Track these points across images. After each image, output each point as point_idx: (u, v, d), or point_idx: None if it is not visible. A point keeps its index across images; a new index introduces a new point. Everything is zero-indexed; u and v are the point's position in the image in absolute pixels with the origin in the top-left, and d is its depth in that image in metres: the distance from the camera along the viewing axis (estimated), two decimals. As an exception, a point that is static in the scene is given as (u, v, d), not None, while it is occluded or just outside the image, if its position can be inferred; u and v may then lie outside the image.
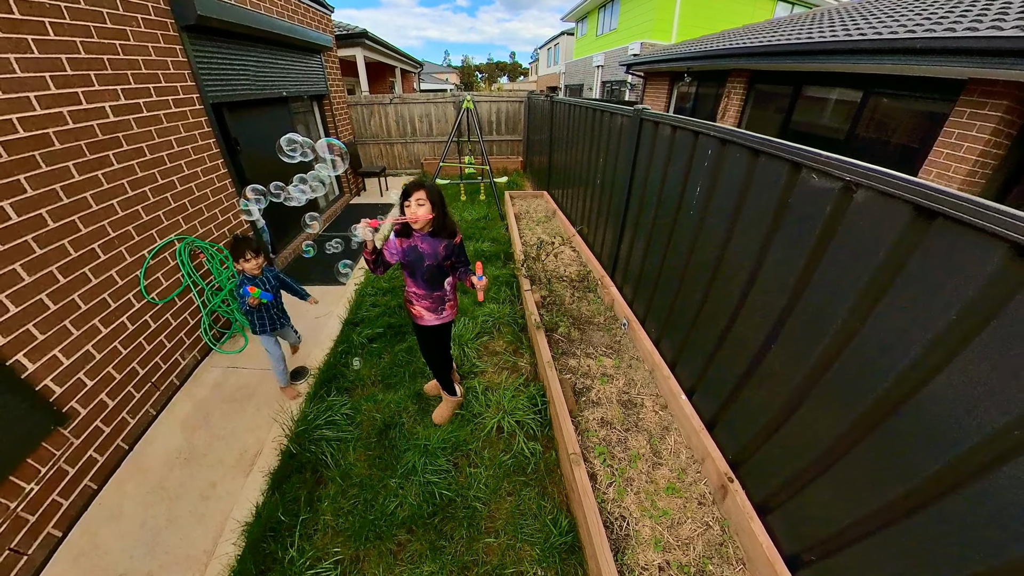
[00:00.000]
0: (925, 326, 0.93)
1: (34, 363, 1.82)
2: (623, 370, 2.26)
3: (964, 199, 0.84)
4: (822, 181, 1.18)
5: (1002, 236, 0.78)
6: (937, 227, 0.91)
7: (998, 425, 0.81)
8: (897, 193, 0.98)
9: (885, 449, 1.03)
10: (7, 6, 1.80)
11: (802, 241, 1.26)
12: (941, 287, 0.91)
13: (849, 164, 1.08)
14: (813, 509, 1.27)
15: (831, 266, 1.17)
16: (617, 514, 1.53)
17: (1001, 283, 0.81)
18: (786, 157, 1.29)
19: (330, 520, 1.77)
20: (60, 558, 1.78)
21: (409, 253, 1.76)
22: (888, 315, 1.02)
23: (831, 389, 1.19)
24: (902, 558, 1.00)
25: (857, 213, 1.10)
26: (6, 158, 1.76)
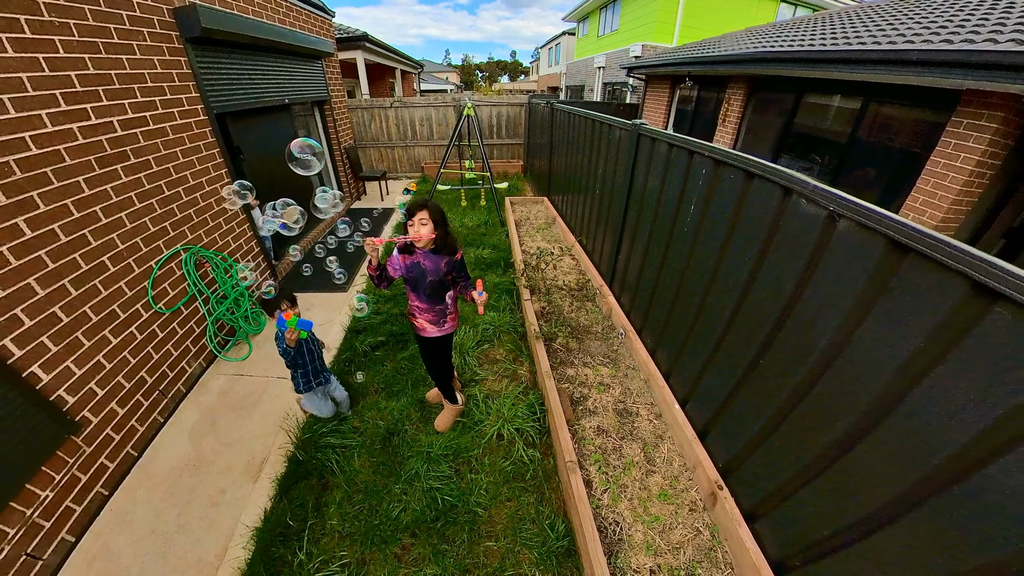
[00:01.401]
0: (900, 348, 0.99)
1: (48, 374, 1.87)
2: (619, 379, 2.33)
3: (933, 238, 0.90)
4: (810, 207, 1.24)
5: (964, 273, 0.85)
6: (909, 260, 0.98)
7: (965, 441, 0.87)
8: (874, 226, 1.04)
9: (867, 461, 1.10)
10: (19, 26, 1.85)
11: (792, 262, 1.32)
12: (912, 315, 0.97)
13: (833, 195, 1.14)
14: (798, 517, 1.34)
15: (818, 287, 1.24)
16: (611, 519, 1.60)
17: (963, 314, 0.88)
18: (778, 182, 1.35)
19: (336, 525, 1.84)
20: (74, 563, 1.84)
21: (412, 269, 1.82)
22: (869, 336, 1.08)
23: (817, 403, 1.26)
24: (883, 564, 1.06)
25: (840, 241, 1.16)
26: (20, 175, 1.81)
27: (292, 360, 1.93)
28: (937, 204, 3.40)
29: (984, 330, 0.84)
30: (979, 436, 0.85)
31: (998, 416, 0.82)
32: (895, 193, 3.77)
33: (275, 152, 4.26)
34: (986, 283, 0.82)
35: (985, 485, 0.85)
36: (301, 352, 1.98)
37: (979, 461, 0.86)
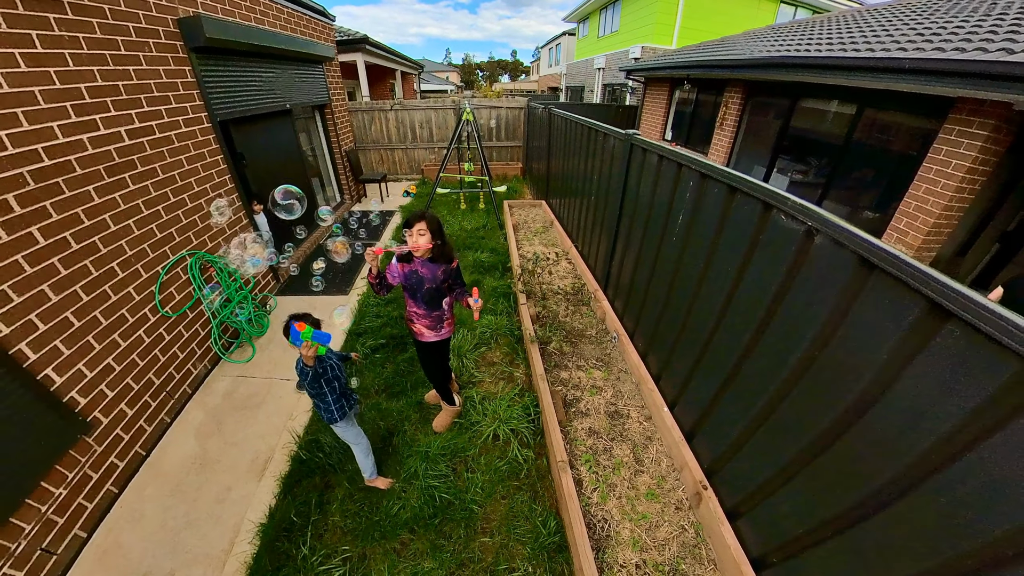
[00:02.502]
0: (870, 357, 1.06)
1: (61, 376, 1.95)
2: (611, 382, 2.41)
3: (895, 257, 0.97)
4: (789, 223, 1.31)
5: (921, 292, 0.92)
6: (875, 277, 1.05)
7: (926, 447, 0.93)
8: (846, 243, 1.11)
9: (839, 463, 1.17)
10: (31, 41, 1.91)
11: (772, 273, 1.39)
12: (878, 326, 1.04)
13: (811, 211, 1.21)
14: (776, 515, 1.41)
15: (796, 298, 1.31)
16: (600, 517, 1.68)
17: (921, 329, 0.95)
18: (759, 197, 1.42)
19: (338, 521, 1.92)
20: (86, 558, 1.92)
21: (410, 277, 1.90)
22: (841, 346, 1.15)
23: (794, 407, 1.33)
24: (854, 558, 1.13)
25: (817, 255, 1.23)
26: (33, 186, 1.88)
27: (316, 389, 1.68)
28: (929, 210, 3.46)
29: (939, 343, 0.91)
30: (937, 442, 0.92)
31: (954, 424, 0.89)
32: (891, 197, 3.81)
33: (277, 157, 4.33)
34: (941, 302, 0.88)
35: (945, 487, 0.91)
36: (327, 378, 1.70)
37: (938, 466, 0.92)
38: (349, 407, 1.86)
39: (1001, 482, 0.80)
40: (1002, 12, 3.77)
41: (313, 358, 1.60)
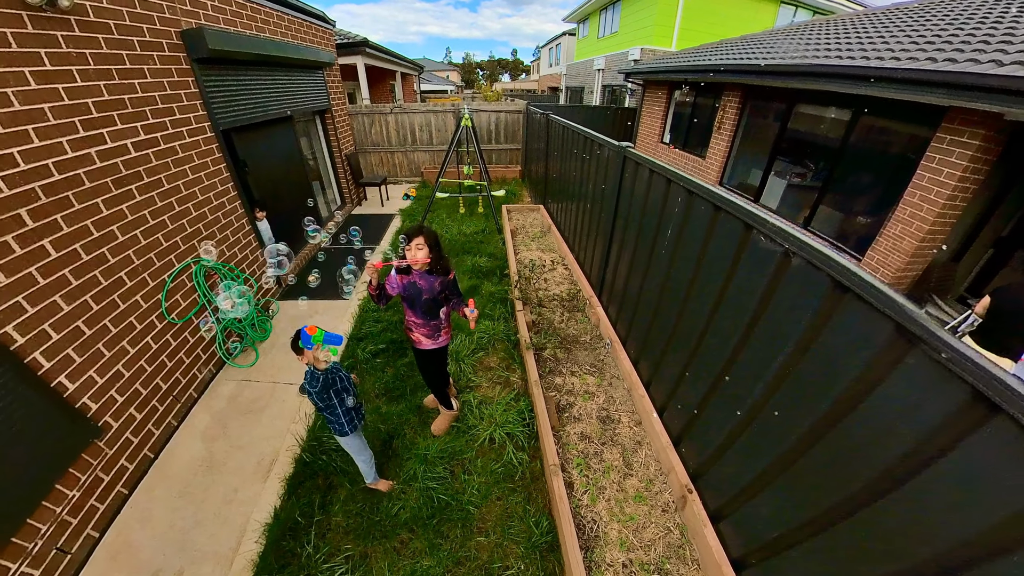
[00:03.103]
0: (843, 373, 1.12)
1: (73, 383, 2.03)
2: (604, 388, 2.49)
3: (866, 282, 1.03)
4: (768, 244, 1.38)
5: (890, 316, 0.98)
6: (848, 299, 1.11)
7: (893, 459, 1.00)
8: (821, 267, 1.17)
9: (814, 470, 1.24)
10: (40, 59, 1.98)
11: (753, 290, 1.46)
12: (850, 345, 1.11)
13: (789, 234, 1.28)
14: (757, 517, 1.49)
15: (774, 315, 1.38)
16: (589, 518, 1.76)
17: (889, 351, 1.01)
18: (740, 217, 1.49)
19: (341, 521, 2.00)
20: (99, 556, 2.00)
21: (409, 288, 1.97)
22: (817, 360, 1.22)
23: (772, 417, 1.40)
24: (828, 559, 1.20)
25: (793, 275, 1.30)
26: (44, 200, 1.95)
27: (327, 401, 1.68)
28: (923, 217, 3.50)
29: (905, 365, 0.97)
30: (902, 455, 0.98)
31: (920, 440, 0.95)
32: (886, 202, 3.84)
33: (278, 163, 4.39)
34: (907, 327, 0.95)
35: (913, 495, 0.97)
36: (337, 389, 1.70)
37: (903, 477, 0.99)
38: (359, 419, 1.89)
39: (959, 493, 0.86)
40: (997, 19, 3.81)
41: (324, 362, 1.60)
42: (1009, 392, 0.74)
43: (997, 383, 0.76)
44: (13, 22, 1.84)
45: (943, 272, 4.05)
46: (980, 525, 0.82)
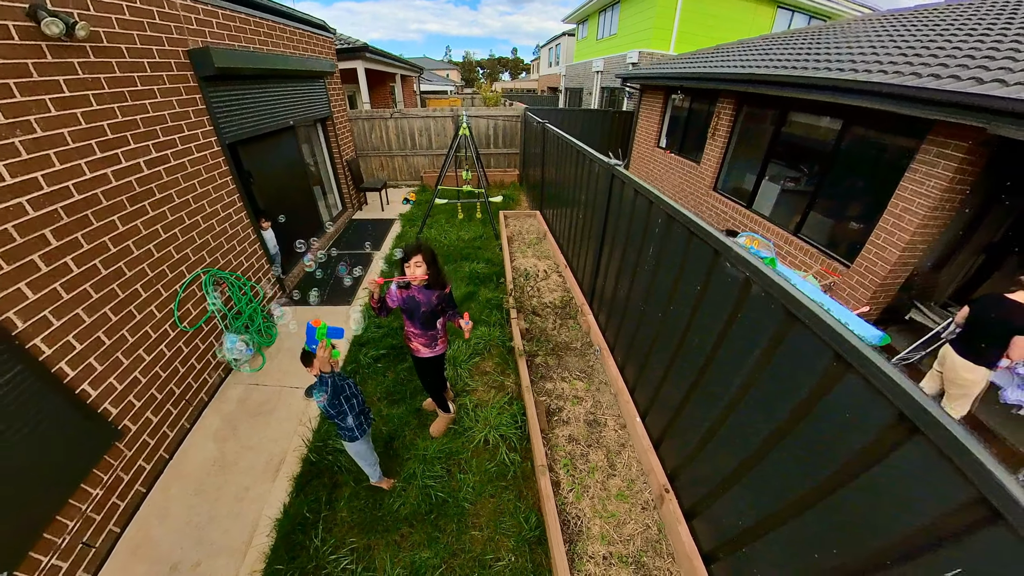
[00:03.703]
0: (793, 393, 1.26)
1: (95, 390, 2.18)
2: (592, 393, 2.63)
3: (813, 312, 1.16)
4: (732, 270, 1.52)
5: (828, 342, 1.12)
6: (797, 328, 1.24)
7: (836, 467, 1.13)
8: (775, 296, 1.31)
9: (772, 472, 1.38)
10: (59, 86, 2.10)
11: (721, 310, 1.59)
12: (797, 371, 1.24)
13: (748, 262, 1.41)
14: (725, 514, 1.64)
15: (738, 334, 1.51)
16: (574, 514, 1.91)
17: (830, 376, 1.14)
18: (710, 244, 1.62)
19: (346, 516, 2.16)
20: (120, 550, 2.16)
21: (408, 301, 2.12)
22: (773, 377, 1.36)
23: (736, 425, 1.55)
24: (786, 552, 1.33)
25: (754, 302, 1.43)
26: (66, 220, 2.09)
27: (337, 408, 1.74)
28: (904, 227, 3.57)
29: (843, 388, 1.10)
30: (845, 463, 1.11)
31: (854, 451, 1.08)
32: (875, 209, 3.86)
33: (282, 172, 4.52)
34: (842, 355, 1.08)
35: (843, 497, 1.11)
36: (347, 395, 1.79)
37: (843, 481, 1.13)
38: (368, 425, 1.97)
39: (897, 493, 0.98)
40: (984, 32, 3.88)
41: (330, 363, 1.66)
42: (925, 415, 0.87)
43: (917, 407, 0.88)
44: (33, 53, 1.97)
45: (926, 279, 4.17)
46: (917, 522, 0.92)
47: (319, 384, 1.71)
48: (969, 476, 0.79)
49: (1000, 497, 0.75)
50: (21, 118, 1.89)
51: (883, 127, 3.88)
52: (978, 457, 0.78)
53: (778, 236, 5.02)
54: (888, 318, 4.19)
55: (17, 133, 1.87)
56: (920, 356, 3.65)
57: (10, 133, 1.84)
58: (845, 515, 1.11)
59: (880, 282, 3.84)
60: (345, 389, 1.83)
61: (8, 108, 1.84)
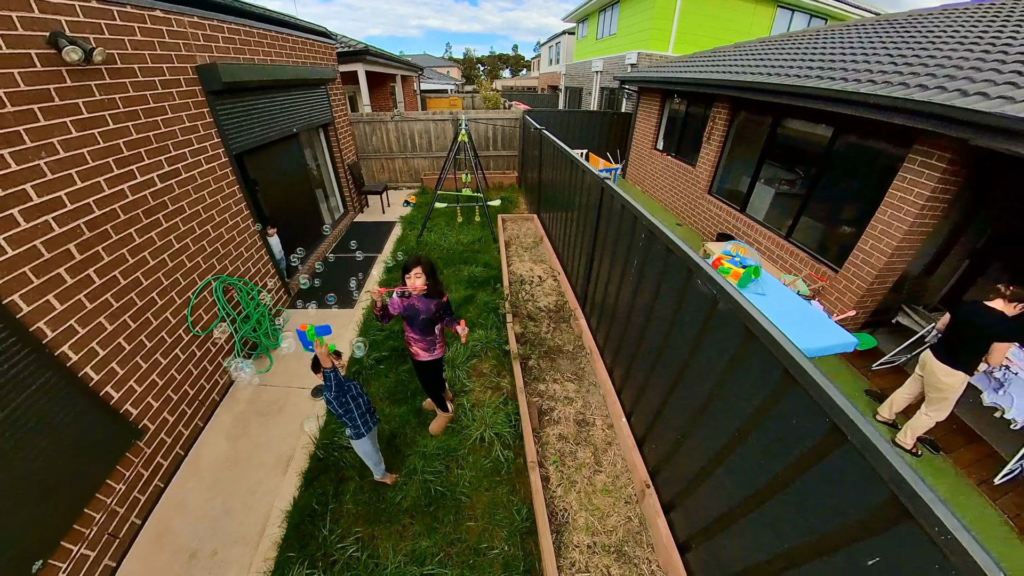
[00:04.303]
0: (751, 399, 1.40)
1: (118, 392, 2.34)
2: (582, 394, 2.78)
3: (766, 332, 1.29)
4: (703, 288, 1.65)
5: (779, 362, 1.25)
6: (754, 344, 1.37)
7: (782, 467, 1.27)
8: (736, 315, 1.44)
9: (736, 469, 1.52)
10: (78, 108, 2.23)
11: (694, 323, 1.73)
12: (755, 382, 1.37)
13: (715, 283, 1.54)
14: (696, 508, 1.79)
15: (707, 348, 1.64)
16: (561, 507, 2.07)
17: (780, 389, 1.28)
18: (684, 262, 1.75)
19: (351, 508, 2.33)
20: (142, 540, 2.33)
21: (408, 309, 2.26)
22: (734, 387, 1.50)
23: (706, 425, 1.69)
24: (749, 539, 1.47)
25: (720, 318, 1.56)
26: (88, 235, 2.23)
27: (344, 406, 1.88)
28: (892, 234, 3.64)
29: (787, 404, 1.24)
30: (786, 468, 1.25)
31: (796, 455, 1.22)
32: (865, 214, 3.94)
33: (286, 179, 4.66)
34: (789, 370, 1.21)
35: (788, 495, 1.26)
36: (353, 395, 1.94)
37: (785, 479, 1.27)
38: (373, 423, 2.12)
39: (833, 492, 1.12)
40: (974, 41, 3.92)
41: (328, 358, 1.80)
42: (852, 425, 1.00)
43: (846, 418, 1.02)
44: (54, 78, 2.09)
45: (915, 283, 4.28)
46: (843, 517, 1.07)
47: (324, 382, 1.85)
48: (884, 478, 0.93)
49: (908, 496, 0.88)
50: (45, 140, 2.03)
51: (873, 135, 3.97)
52: (890, 461, 0.92)
53: (770, 240, 5.13)
54: (877, 321, 4.31)
55: (42, 155, 2.02)
56: (905, 359, 3.78)
57: (36, 155, 1.99)
58: (794, 508, 1.25)
59: (867, 287, 3.94)
60: (351, 388, 1.99)
61: (34, 132, 1.97)
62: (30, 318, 1.92)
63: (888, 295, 4.10)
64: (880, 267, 3.79)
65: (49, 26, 2.05)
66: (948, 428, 3.03)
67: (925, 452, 2.85)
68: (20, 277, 1.89)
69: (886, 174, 3.76)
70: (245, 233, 3.62)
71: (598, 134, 9.57)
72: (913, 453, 2.82)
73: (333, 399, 1.89)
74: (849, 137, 4.24)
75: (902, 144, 3.59)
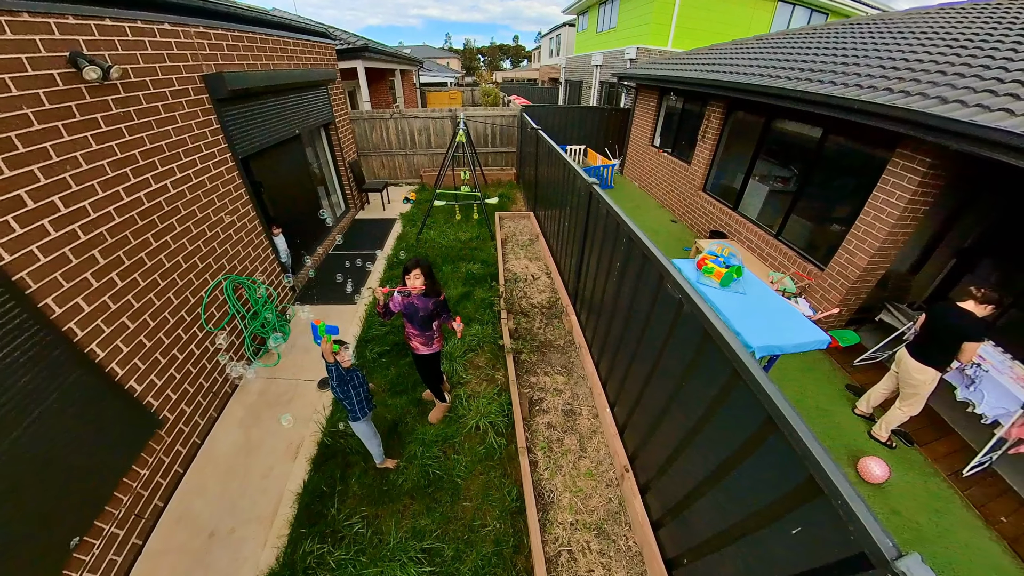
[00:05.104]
0: (708, 393, 1.57)
1: (140, 385, 2.54)
2: (571, 386, 2.97)
3: (719, 334, 1.45)
4: (671, 291, 1.81)
5: (729, 360, 1.42)
6: (710, 344, 1.53)
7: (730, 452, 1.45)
8: (696, 318, 1.60)
9: (696, 453, 1.70)
10: (97, 123, 2.38)
11: (664, 324, 1.89)
12: (710, 378, 1.54)
13: (680, 287, 1.70)
14: (667, 489, 1.98)
15: (675, 346, 1.81)
16: (548, 489, 2.27)
17: (729, 384, 1.44)
18: (654, 267, 1.91)
19: (357, 490, 2.54)
20: (165, 520, 2.55)
21: (408, 307, 2.45)
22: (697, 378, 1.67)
23: (674, 415, 1.87)
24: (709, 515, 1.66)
25: (685, 319, 1.72)
26: (110, 240, 2.41)
27: (345, 392, 2.15)
28: (875, 235, 3.74)
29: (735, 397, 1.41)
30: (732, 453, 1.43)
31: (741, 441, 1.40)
32: (851, 216, 4.02)
33: (289, 179, 4.81)
34: (736, 369, 1.38)
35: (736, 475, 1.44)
36: (353, 384, 2.18)
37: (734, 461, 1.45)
38: (369, 408, 2.38)
39: (769, 473, 1.31)
40: (962, 46, 3.97)
41: (332, 353, 2.03)
42: (782, 417, 1.17)
43: (777, 411, 1.19)
44: (75, 95, 2.24)
45: (900, 282, 4.40)
46: (774, 494, 1.26)
47: (327, 372, 2.12)
48: (803, 461, 1.11)
49: (820, 475, 1.06)
50: (69, 155, 2.19)
51: (859, 138, 4.05)
52: (808, 447, 1.09)
53: (760, 238, 5.26)
54: (861, 319, 4.45)
55: (67, 168, 2.18)
56: (886, 356, 3.93)
57: (62, 169, 2.15)
58: (743, 486, 1.43)
59: (851, 285, 4.07)
60: (353, 379, 2.22)
61: (59, 147, 2.14)
62: (62, 319, 2.11)
63: (873, 293, 4.23)
64: (863, 266, 3.90)
65: (68, 46, 2.19)
66: (924, 422, 3.16)
67: (900, 445, 2.99)
68: (52, 282, 2.07)
69: (871, 176, 3.83)
70: (252, 234, 3.79)
71: (597, 130, 9.61)
72: (888, 445, 2.95)
73: (336, 387, 2.16)
74: (837, 139, 4.33)
75: (887, 147, 3.66)
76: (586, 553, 2.04)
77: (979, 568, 2.22)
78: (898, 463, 2.83)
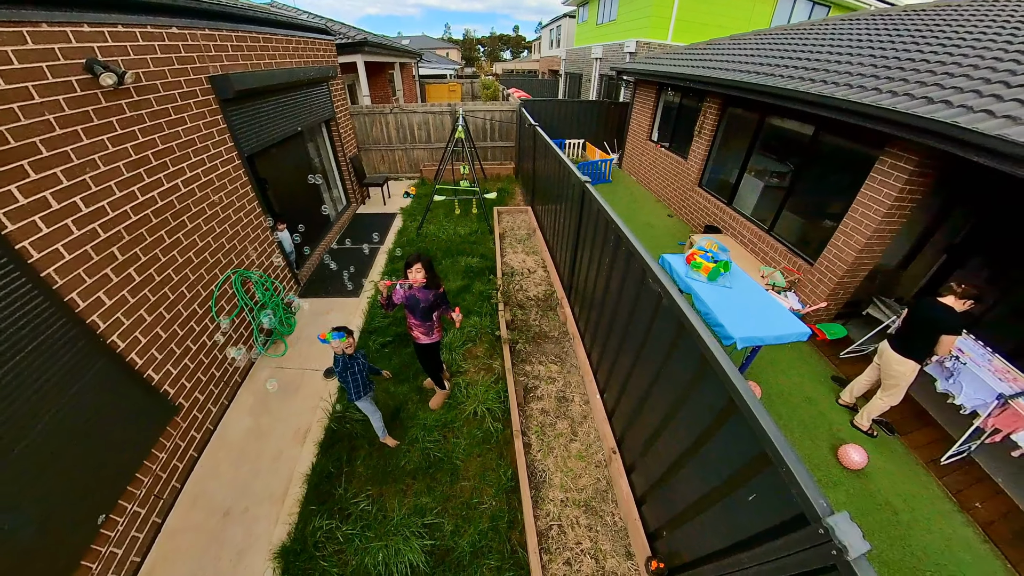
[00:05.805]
0: (682, 379, 1.72)
1: (157, 374, 2.70)
2: (564, 374, 3.12)
3: (693, 326, 1.59)
4: (653, 286, 1.94)
5: (699, 348, 1.55)
6: (685, 335, 1.67)
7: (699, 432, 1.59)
8: (673, 311, 1.73)
9: (673, 433, 1.85)
10: (112, 126, 2.50)
11: (646, 316, 2.03)
12: (684, 366, 1.68)
13: (660, 282, 1.83)
14: (650, 468, 2.14)
15: (657, 336, 1.94)
16: (540, 469, 2.44)
17: (701, 369, 1.59)
18: (638, 263, 2.04)
19: (362, 471, 2.71)
20: (183, 500, 2.73)
21: (410, 299, 2.59)
22: (673, 369, 1.82)
23: (656, 399, 2.02)
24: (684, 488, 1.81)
25: (664, 311, 1.86)
26: (127, 238, 2.55)
27: (344, 376, 2.48)
28: (862, 231, 3.82)
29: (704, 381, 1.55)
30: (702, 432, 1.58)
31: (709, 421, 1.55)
32: (840, 211, 4.10)
33: (292, 174, 4.92)
34: (704, 354, 1.52)
35: (704, 451, 1.59)
36: (353, 371, 2.52)
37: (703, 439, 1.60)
38: (366, 391, 2.64)
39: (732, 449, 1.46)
40: (954, 45, 3.99)
41: (342, 350, 2.40)
42: (741, 398, 1.32)
43: (738, 393, 1.33)
44: (92, 101, 2.35)
45: (888, 277, 4.50)
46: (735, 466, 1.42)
47: (334, 363, 2.43)
48: (757, 437, 1.25)
49: (770, 448, 1.20)
50: (88, 157, 2.32)
51: (850, 136, 4.11)
52: (762, 424, 1.23)
53: (753, 233, 5.36)
54: (849, 312, 4.57)
55: (87, 171, 2.31)
56: (872, 348, 4.05)
57: (82, 171, 2.28)
58: (709, 462, 1.59)
59: (838, 280, 4.17)
60: (354, 366, 2.49)
61: (79, 151, 2.26)
62: (86, 312, 2.26)
63: (861, 287, 4.34)
64: (851, 262, 4.00)
65: (84, 53, 2.30)
66: (906, 413, 3.26)
67: (881, 434, 3.11)
68: (76, 278, 2.21)
69: (861, 173, 3.90)
70: (258, 229, 3.92)
71: (596, 124, 9.64)
72: (869, 434, 3.07)
73: (339, 372, 2.47)
74: (828, 137, 4.39)
75: (876, 145, 3.72)
76: (575, 527, 2.21)
77: (952, 550, 2.34)
78: (879, 451, 2.93)
